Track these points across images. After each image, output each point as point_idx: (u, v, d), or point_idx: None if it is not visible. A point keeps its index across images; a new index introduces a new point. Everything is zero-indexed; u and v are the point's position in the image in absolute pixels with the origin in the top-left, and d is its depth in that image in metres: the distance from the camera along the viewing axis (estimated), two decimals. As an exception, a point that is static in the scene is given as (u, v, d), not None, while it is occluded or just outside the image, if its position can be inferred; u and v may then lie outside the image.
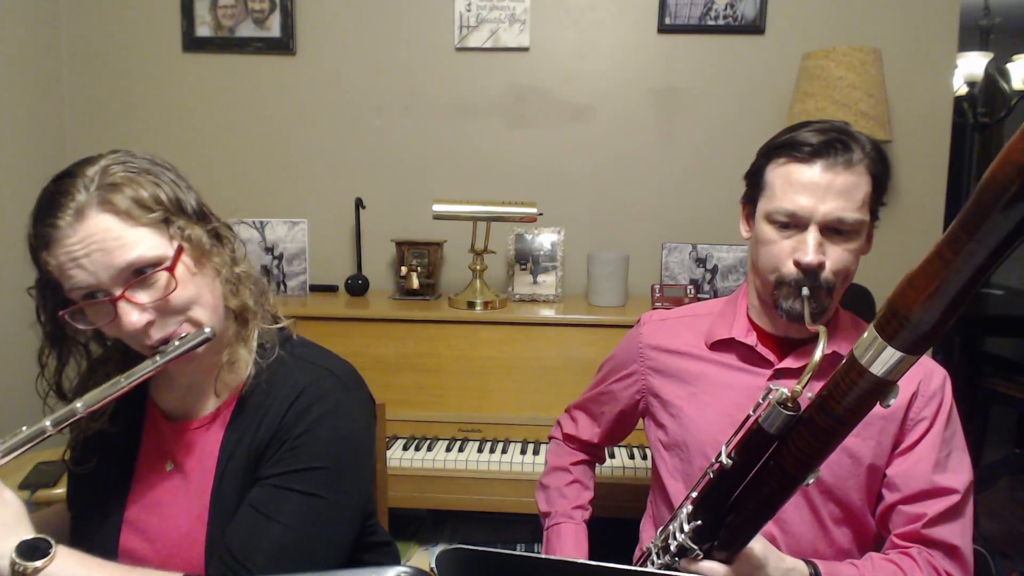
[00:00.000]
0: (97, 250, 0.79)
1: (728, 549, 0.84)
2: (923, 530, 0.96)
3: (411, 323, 1.88)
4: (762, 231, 1.01)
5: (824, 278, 0.96)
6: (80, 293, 0.82)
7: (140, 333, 0.81)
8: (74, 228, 0.79)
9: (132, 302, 0.80)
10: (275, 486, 0.85)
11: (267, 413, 0.88)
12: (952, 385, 1.04)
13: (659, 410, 1.15)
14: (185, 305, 0.84)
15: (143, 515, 0.92)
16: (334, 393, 0.90)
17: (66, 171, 0.84)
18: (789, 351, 1.05)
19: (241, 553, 0.82)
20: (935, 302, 0.57)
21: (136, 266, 0.80)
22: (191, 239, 0.84)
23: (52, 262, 0.82)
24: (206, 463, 0.90)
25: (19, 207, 2.09)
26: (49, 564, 0.73)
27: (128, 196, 0.81)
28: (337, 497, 0.87)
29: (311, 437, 0.86)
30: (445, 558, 0.64)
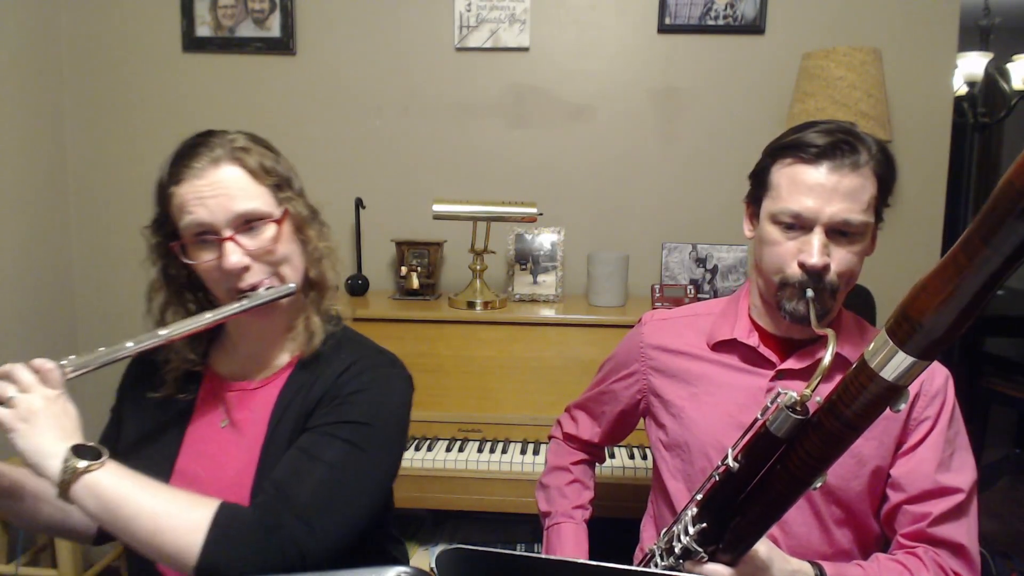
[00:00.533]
0: (222, 194, 0.90)
1: (733, 552, 0.84)
2: (929, 529, 0.96)
3: (411, 323, 1.88)
4: (766, 231, 1.00)
5: (829, 280, 0.96)
6: (193, 230, 0.91)
7: (235, 274, 0.91)
8: (207, 171, 0.91)
9: (238, 244, 0.91)
10: (322, 433, 0.92)
11: (320, 376, 0.97)
12: (952, 381, 1.04)
13: (660, 410, 1.15)
14: (279, 260, 0.95)
15: (192, 464, 0.98)
16: (382, 367, 1.01)
17: (206, 131, 0.96)
18: (791, 352, 1.05)
19: (285, 484, 0.88)
20: (948, 308, 0.57)
21: (250, 216, 0.92)
22: (295, 208, 0.97)
23: (177, 197, 0.91)
24: (259, 419, 0.98)
25: (19, 207, 2.10)
26: (98, 468, 0.80)
27: (255, 159, 0.94)
28: (375, 453, 0.94)
29: (360, 396, 0.95)
30: (445, 558, 0.64)
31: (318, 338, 0.99)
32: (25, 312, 2.07)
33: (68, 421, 0.82)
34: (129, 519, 0.80)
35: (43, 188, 2.18)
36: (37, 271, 2.14)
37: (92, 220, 2.30)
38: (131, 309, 2.30)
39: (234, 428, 0.99)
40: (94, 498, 0.79)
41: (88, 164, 2.27)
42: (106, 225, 2.30)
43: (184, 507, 0.83)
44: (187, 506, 0.83)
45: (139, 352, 0.88)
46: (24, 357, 0.85)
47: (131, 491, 0.81)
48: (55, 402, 0.82)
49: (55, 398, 0.82)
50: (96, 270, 2.32)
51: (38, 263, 2.15)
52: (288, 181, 0.98)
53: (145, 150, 2.27)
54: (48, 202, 2.20)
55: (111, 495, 0.79)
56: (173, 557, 0.81)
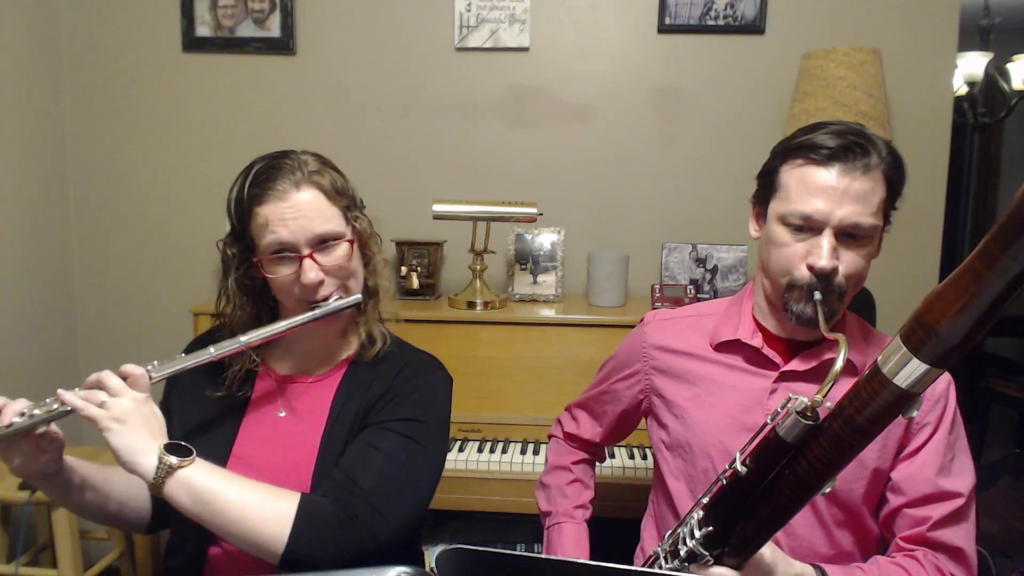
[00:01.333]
0: (303, 216, 0.98)
1: (739, 556, 0.83)
2: (928, 533, 0.96)
3: (411, 323, 1.87)
4: (774, 232, 0.99)
5: (837, 283, 0.95)
6: (274, 248, 0.99)
7: (311, 288, 0.99)
8: (289, 194, 0.98)
9: (316, 262, 0.99)
10: (384, 428, 1.01)
11: (377, 377, 1.06)
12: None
13: (662, 410, 1.15)
14: (349, 274, 1.03)
15: (251, 450, 1.04)
16: (432, 370, 1.11)
17: (279, 152, 1.03)
18: (795, 353, 1.05)
19: (353, 475, 0.96)
20: (964, 316, 0.56)
21: (327, 236, 1.00)
22: (361, 226, 1.07)
23: (260, 217, 0.98)
24: (318, 410, 1.06)
25: (19, 207, 2.09)
26: (190, 465, 0.87)
27: (329, 181, 1.01)
28: (427, 446, 1.02)
29: (415, 396, 1.04)
30: (445, 558, 0.64)
31: (379, 342, 1.08)
32: (25, 312, 2.07)
33: (156, 422, 0.90)
34: (220, 512, 0.87)
35: (43, 188, 2.18)
36: (37, 272, 2.14)
37: (92, 220, 2.30)
38: (131, 309, 2.31)
39: (294, 416, 1.06)
40: (187, 493, 0.86)
41: (88, 164, 2.27)
42: (106, 226, 2.30)
43: (270, 500, 0.90)
44: (273, 499, 0.90)
45: (220, 357, 0.96)
46: (24, 357, 0.85)
47: (221, 485, 0.88)
48: (144, 404, 0.89)
49: (144, 401, 0.89)
50: (96, 271, 2.32)
51: (38, 264, 2.15)
52: (354, 200, 1.07)
53: (145, 150, 2.27)
54: (48, 202, 2.20)
55: (202, 490, 0.87)
56: (262, 546, 0.88)
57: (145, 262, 2.31)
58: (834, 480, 0.73)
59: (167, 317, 2.27)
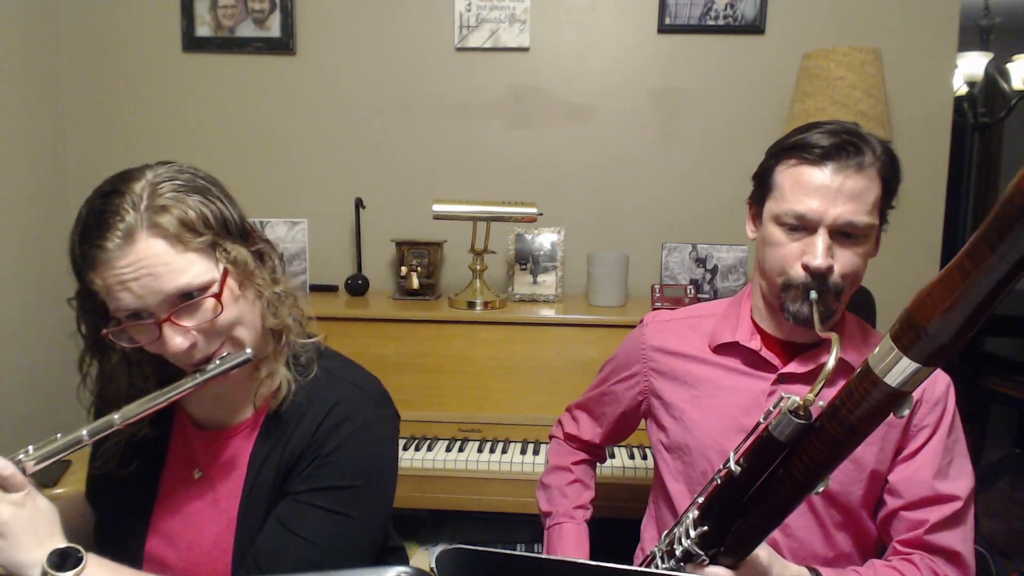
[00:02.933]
0: (147, 275, 0.78)
1: (734, 555, 0.83)
2: (925, 536, 0.96)
3: (411, 323, 1.88)
4: (770, 233, 1.00)
5: (832, 282, 0.95)
6: (125, 314, 0.81)
7: (183, 355, 0.82)
8: (123, 251, 0.78)
9: (178, 325, 0.81)
10: (302, 502, 0.87)
11: (298, 427, 0.89)
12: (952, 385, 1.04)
13: (661, 412, 1.15)
14: (228, 327, 0.85)
15: (170, 522, 0.93)
16: (363, 411, 0.91)
17: (111, 187, 0.81)
18: (793, 355, 1.04)
19: (265, 564, 0.84)
20: (954, 314, 0.56)
21: (184, 291, 0.81)
22: (236, 261, 0.85)
23: (99, 282, 0.80)
24: (235, 472, 0.91)
25: (19, 207, 2.09)
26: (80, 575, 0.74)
27: (176, 218, 0.79)
28: (362, 514, 0.88)
29: (340, 455, 0.88)
30: (445, 558, 0.64)
31: (284, 390, 0.90)
32: (25, 312, 2.07)
33: (43, 523, 0.76)
34: None
35: (43, 188, 2.17)
36: (37, 272, 2.14)
37: (92, 220, 2.30)
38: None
39: (208, 481, 0.93)
40: None
41: (88, 164, 2.27)
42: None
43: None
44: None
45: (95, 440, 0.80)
46: (25, 358, 0.84)
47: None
48: (23, 506, 0.75)
49: (22, 501, 0.75)
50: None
51: (38, 263, 2.15)
52: (224, 227, 0.84)
53: (145, 150, 2.27)
54: (48, 202, 2.20)
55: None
56: None
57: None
58: (827, 480, 0.73)
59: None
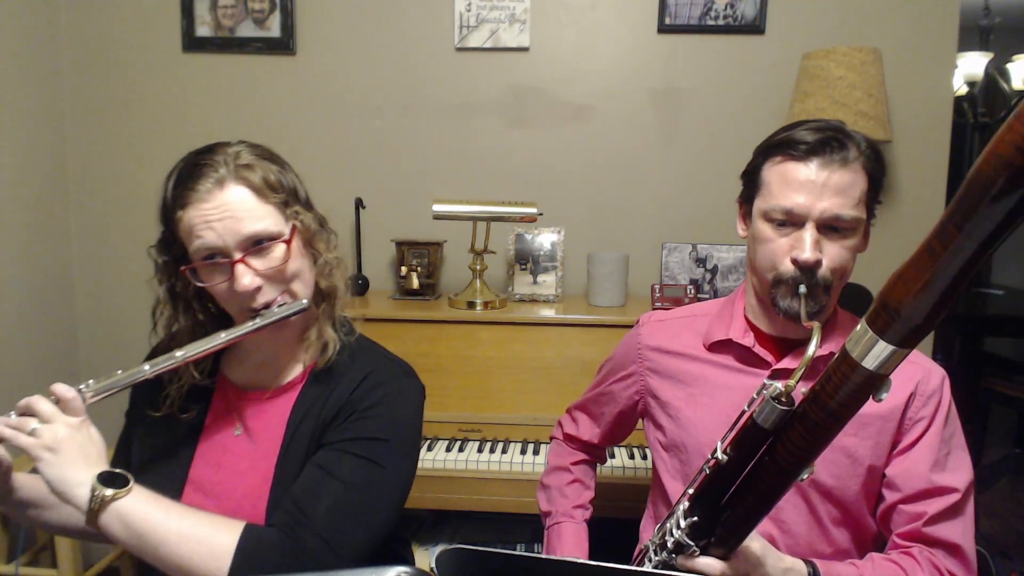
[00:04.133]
0: (229, 217, 0.89)
1: (725, 545, 0.84)
2: (924, 529, 0.96)
3: (411, 323, 1.88)
4: (759, 229, 1.01)
5: (821, 275, 0.96)
6: (203, 254, 0.91)
7: (248, 295, 0.91)
8: (213, 194, 0.89)
9: (249, 266, 0.90)
10: (340, 449, 0.93)
11: (336, 388, 0.98)
12: (952, 385, 1.04)
13: (658, 411, 1.15)
14: (290, 277, 0.94)
15: (207, 474, 0.98)
16: (397, 378, 1.01)
17: (206, 149, 0.93)
18: (787, 351, 1.05)
19: (304, 503, 0.89)
20: (925, 295, 0.57)
21: (259, 237, 0.91)
22: (303, 223, 0.96)
23: (184, 222, 0.90)
24: (274, 429, 0.98)
25: (19, 207, 2.09)
26: (125, 495, 0.81)
27: (260, 176, 0.92)
28: (392, 467, 0.95)
29: (375, 411, 0.96)
30: (445, 558, 0.64)
31: (332, 348, 0.99)
32: (25, 313, 2.07)
33: (93, 448, 0.83)
34: (156, 545, 0.81)
35: (43, 189, 2.18)
36: (37, 273, 2.14)
37: (92, 221, 2.30)
38: (131, 310, 2.31)
39: (248, 437, 0.99)
40: (122, 525, 0.81)
41: (88, 164, 2.27)
42: (106, 226, 2.30)
43: (210, 532, 0.84)
44: (213, 531, 0.84)
45: (156, 374, 0.89)
46: (25, 358, 0.85)
47: (158, 517, 0.82)
48: (79, 430, 0.83)
49: (78, 425, 0.83)
50: (96, 271, 2.32)
51: (38, 264, 2.15)
52: (295, 193, 0.97)
53: (145, 150, 2.27)
54: (48, 203, 2.20)
55: (138, 522, 0.81)
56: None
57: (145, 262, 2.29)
58: (812, 467, 0.73)
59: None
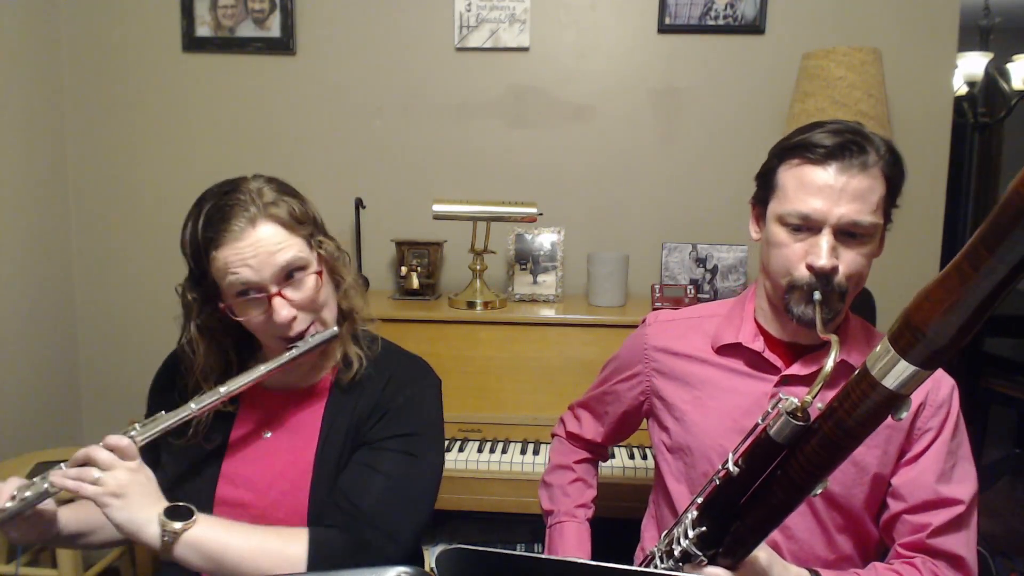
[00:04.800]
0: (263, 251, 0.94)
1: (733, 556, 0.83)
2: (927, 540, 0.96)
3: (411, 323, 1.88)
4: (774, 233, 0.99)
5: (837, 282, 0.94)
6: (238, 289, 0.95)
7: (286, 327, 0.97)
8: (246, 233, 0.94)
9: (285, 298, 0.96)
10: (379, 447, 1.01)
11: (365, 390, 1.05)
12: None
13: (663, 412, 1.14)
14: (321, 305, 1.01)
15: (241, 468, 1.04)
16: (419, 378, 1.10)
17: (228, 188, 0.98)
18: (796, 357, 1.04)
19: (355, 499, 0.96)
20: (952, 317, 0.56)
21: (293, 266, 0.96)
22: (327, 251, 1.02)
23: (219, 260, 0.95)
24: (309, 425, 1.04)
25: (19, 207, 2.09)
26: (192, 526, 0.87)
27: (286, 211, 0.97)
28: (425, 457, 1.03)
29: (405, 409, 1.04)
30: (445, 558, 0.64)
31: (356, 364, 1.05)
32: (25, 312, 2.07)
33: (152, 487, 0.89)
34: (233, 566, 0.88)
35: (43, 188, 2.17)
36: (37, 271, 2.14)
37: (92, 220, 2.30)
38: (131, 309, 2.31)
39: (283, 433, 1.05)
40: (196, 553, 0.87)
41: (88, 164, 2.27)
42: (106, 226, 2.30)
43: (280, 544, 0.91)
44: (282, 543, 0.92)
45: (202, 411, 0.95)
46: (25, 358, 0.86)
47: (228, 540, 0.89)
48: (138, 472, 0.89)
49: (137, 468, 0.89)
50: (96, 270, 2.32)
51: (38, 263, 2.14)
52: (316, 223, 1.03)
53: (145, 150, 2.27)
54: (48, 202, 2.19)
55: (211, 548, 0.88)
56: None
57: (145, 262, 2.30)
58: (826, 482, 0.72)
59: (167, 317, 2.26)
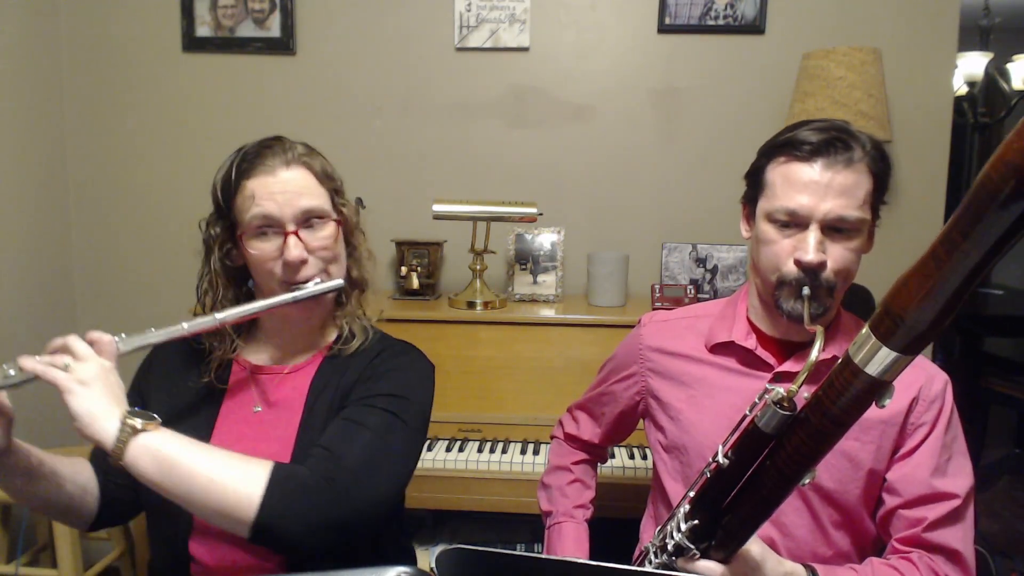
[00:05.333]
0: (291, 191, 0.98)
1: (725, 549, 0.84)
2: (923, 534, 0.96)
3: (411, 323, 1.88)
4: (762, 231, 1.00)
5: (825, 277, 0.95)
6: (258, 222, 0.97)
7: (295, 267, 0.97)
8: (280, 170, 0.99)
9: (300, 239, 0.98)
10: (366, 404, 0.99)
11: (353, 364, 1.05)
12: (952, 385, 1.03)
13: (659, 412, 1.15)
14: (331, 257, 1.02)
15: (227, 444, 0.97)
16: (409, 352, 1.11)
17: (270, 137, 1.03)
18: (790, 354, 1.05)
19: (337, 448, 0.93)
20: (930, 303, 0.57)
21: (314, 213, 0.99)
22: (347, 214, 1.06)
23: (247, 190, 0.98)
24: (294, 400, 1.04)
25: (19, 207, 2.09)
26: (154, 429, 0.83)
27: (320, 165, 1.03)
28: (410, 422, 1.01)
29: (393, 373, 1.04)
30: (445, 558, 0.64)
31: (360, 336, 1.07)
32: (25, 312, 2.07)
33: (120, 391, 0.86)
34: (185, 477, 0.81)
35: (43, 188, 2.18)
36: (37, 271, 2.14)
37: (92, 220, 2.30)
38: (131, 309, 2.31)
39: (268, 410, 1.04)
40: (150, 458, 0.81)
41: (88, 164, 2.27)
42: (106, 225, 2.30)
43: (240, 464, 0.86)
44: (243, 463, 0.86)
45: (193, 333, 0.94)
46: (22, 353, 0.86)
47: (187, 450, 0.83)
48: (110, 372, 0.86)
49: (110, 369, 0.86)
50: (96, 270, 2.32)
51: (38, 263, 2.15)
52: (341, 189, 1.07)
53: (145, 150, 2.27)
54: (48, 202, 2.20)
55: (167, 453, 0.82)
56: (231, 512, 0.83)
57: (145, 262, 2.30)
58: (814, 472, 0.73)
59: (167, 317, 2.26)
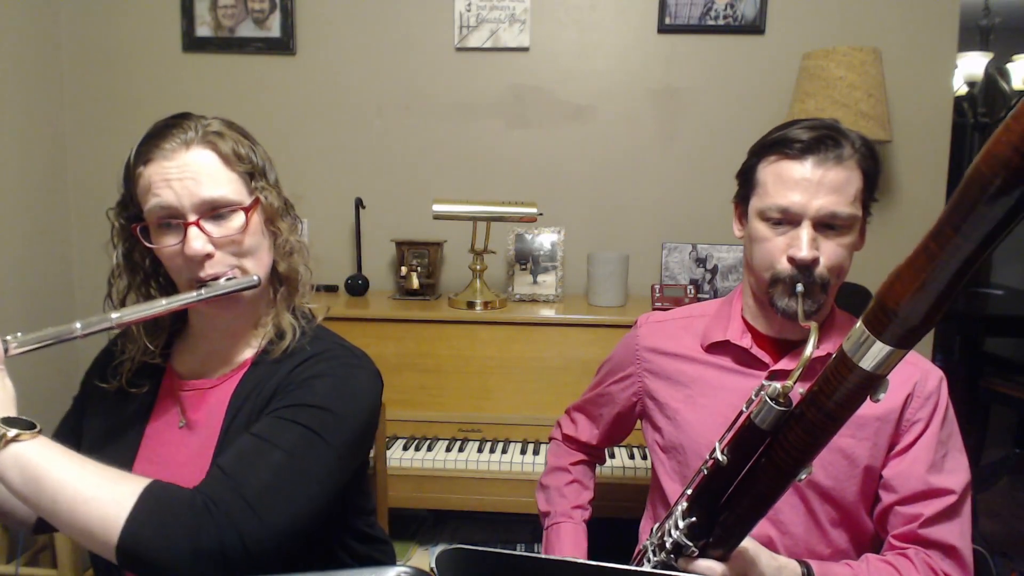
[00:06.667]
0: (190, 178, 0.87)
1: (723, 546, 0.84)
2: (920, 530, 0.96)
3: (411, 323, 1.88)
4: (755, 229, 1.01)
5: (818, 274, 0.96)
6: (157, 213, 0.88)
7: (197, 262, 0.87)
8: (177, 153, 0.87)
9: (203, 230, 0.87)
10: (280, 417, 0.86)
11: (277, 372, 0.92)
12: (952, 385, 1.04)
13: (656, 412, 1.15)
14: (244, 251, 0.90)
15: (148, 469, 0.92)
16: (343, 357, 0.95)
17: (179, 114, 0.93)
18: (785, 352, 1.05)
19: (235, 470, 0.81)
20: (922, 296, 0.57)
21: (218, 204, 0.88)
22: (267, 199, 0.93)
23: (144, 178, 0.88)
24: (214, 419, 0.93)
25: (19, 207, 2.09)
26: (28, 440, 0.75)
27: (229, 145, 0.90)
28: (332, 440, 0.87)
29: (317, 382, 0.90)
30: (445, 558, 0.64)
31: (289, 336, 0.94)
32: (25, 312, 2.07)
33: (3, 395, 0.79)
34: (50, 492, 0.74)
35: (43, 188, 2.18)
36: (37, 271, 2.14)
37: (92, 220, 2.30)
38: (131, 309, 2.31)
39: (190, 429, 0.94)
40: (18, 469, 0.74)
41: (88, 164, 2.27)
42: (106, 225, 2.29)
43: (111, 481, 0.76)
44: (114, 480, 0.77)
45: (86, 334, 0.82)
46: (24, 358, 0.84)
47: (57, 463, 0.75)
48: None
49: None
50: (96, 270, 2.32)
51: (38, 263, 2.15)
52: (262, 170, 0.95)
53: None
54: (48, 202, 2.20)
55: (35, 466, 0.74)
56: (94, 533, 0.74)
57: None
58: (810, 467, 0.73)
59: (167, 317, 2.28)
